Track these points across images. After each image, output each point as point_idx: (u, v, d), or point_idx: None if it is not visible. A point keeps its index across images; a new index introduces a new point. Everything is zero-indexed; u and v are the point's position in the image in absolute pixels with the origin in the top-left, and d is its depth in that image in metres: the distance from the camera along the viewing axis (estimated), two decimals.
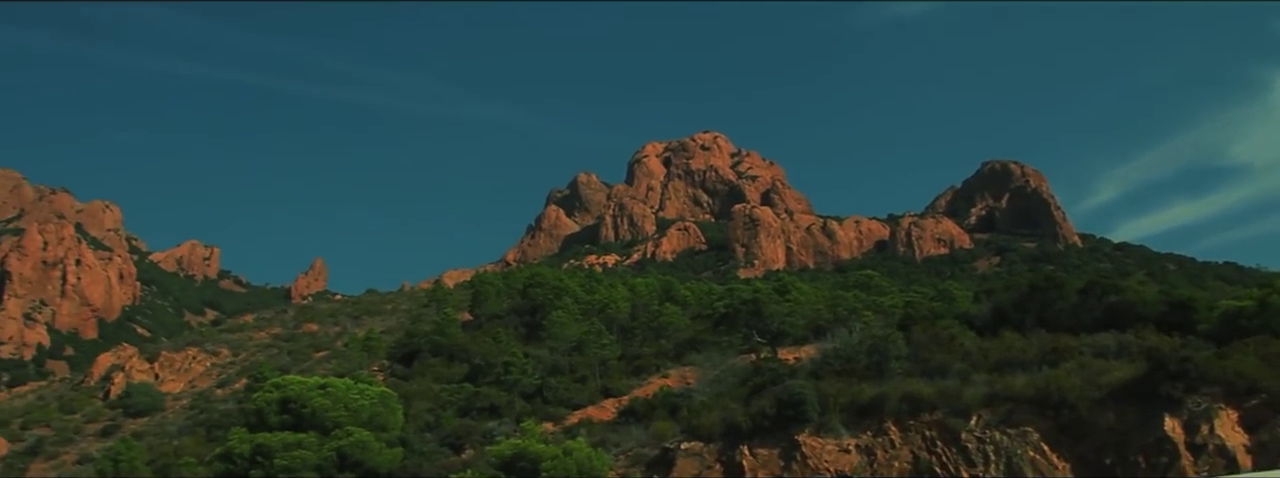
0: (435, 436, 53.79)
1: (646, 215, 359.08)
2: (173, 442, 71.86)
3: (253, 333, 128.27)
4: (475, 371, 67.73)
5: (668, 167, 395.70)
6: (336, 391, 45.65)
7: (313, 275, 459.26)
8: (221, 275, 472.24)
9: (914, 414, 38.43)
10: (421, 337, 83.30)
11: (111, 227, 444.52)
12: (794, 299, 61.06)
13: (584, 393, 58.27)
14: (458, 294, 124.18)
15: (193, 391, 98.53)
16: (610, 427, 49.93)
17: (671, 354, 63.32)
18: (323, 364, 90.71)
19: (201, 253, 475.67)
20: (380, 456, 44.33)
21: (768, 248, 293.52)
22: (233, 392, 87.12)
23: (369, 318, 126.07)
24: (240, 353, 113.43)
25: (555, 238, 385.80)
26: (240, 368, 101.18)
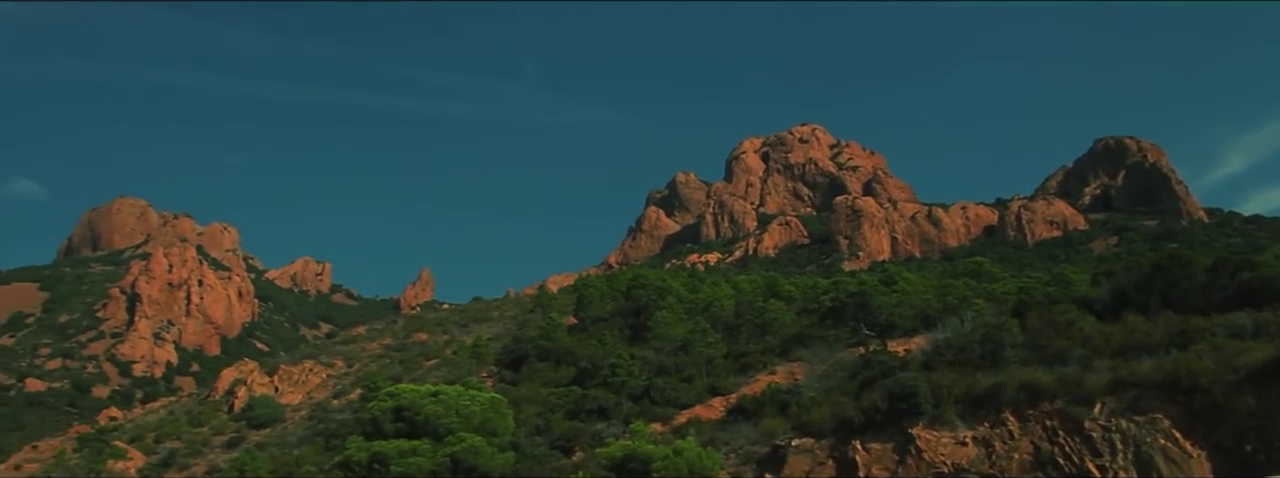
0: (545, 439, 54.10)
1: (747, 212, 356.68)
2: (293, 451, 74.12)
3: (365, 344, 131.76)
4: (582, 373, 68.03)
5: (766, 162, 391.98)
6: (448, 397, 46.28)
7: (420, 286, 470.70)
8: (333, 289, 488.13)
9: (1033, 404, 36.96)
10: (528, 342, 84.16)
11: (230, 247, 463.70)
12: (901, 290, 59.60)
13: (691, 392, 57.87)
14: (562, 298, 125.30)
15: (310, 401, 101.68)
16: (719, 426, 49.43)
17: (778, 351, 62.48)
18: (433, 372, 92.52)
19: (314, 269, 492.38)
20: (492, 460, 44.78)
21: (872, 239, 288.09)
22: (348, 402, 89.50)
23: (476, 325, 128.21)
24: (354, 364, 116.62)
25: (656, 239, 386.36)
26: (354, 378, 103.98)
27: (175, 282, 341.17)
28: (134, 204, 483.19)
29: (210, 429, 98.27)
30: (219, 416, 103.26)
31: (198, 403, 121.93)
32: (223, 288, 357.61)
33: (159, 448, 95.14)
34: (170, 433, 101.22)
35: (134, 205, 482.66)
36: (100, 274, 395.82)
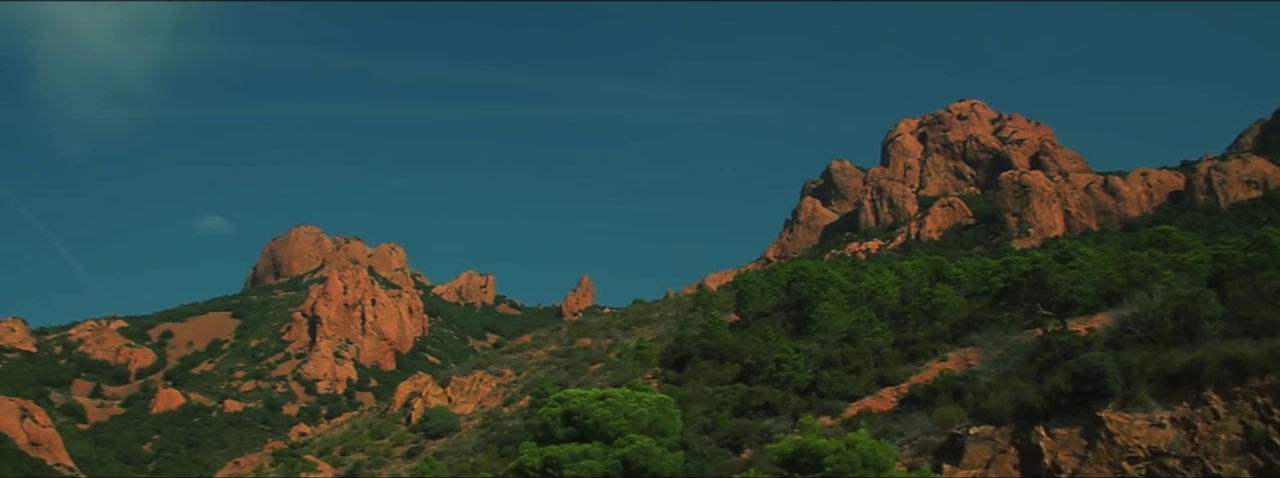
0: (713, 437, 53.63)
1: (907, 195, 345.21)
2: (469, 459, 76.16)
3: (531, 352, 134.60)
4: (747, 370, 67.23)
5: (924, 142, 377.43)
6: (615, 400, 46.55)
7: (581, 292, 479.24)
8: (498, 300, 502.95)
9: (1240, 380, 34.03)
10: (690, 341, 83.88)
11: (398, 266, 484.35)
12: (1079, 266, 56.05)
13: (860, 384, 56.30)
14: (722, 296, 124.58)
15: (482, 410, 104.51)
16: (891, 416, 47.82)
17: (948, 336, 60.00)
18: (599, 376, 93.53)
19: (478, 282, 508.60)
20: (663, 460, 44.70)
21: (1043, 214, 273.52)
22: (518, 409, 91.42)
23: (638, 327, 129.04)
24: (522, 372, 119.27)
25: (814, 229, 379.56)
26: (523, 386, 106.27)
27: (350, 302, 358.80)
28: (309, 232, 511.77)
29: (391, 441, 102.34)
30: (398, 427, 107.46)
31: (378, 416, 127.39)
32: (394, 306, 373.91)
33: (345, 460, 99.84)
34: (354, 446, 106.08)
35: (309, 233, 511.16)
36: (283, 299, 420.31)
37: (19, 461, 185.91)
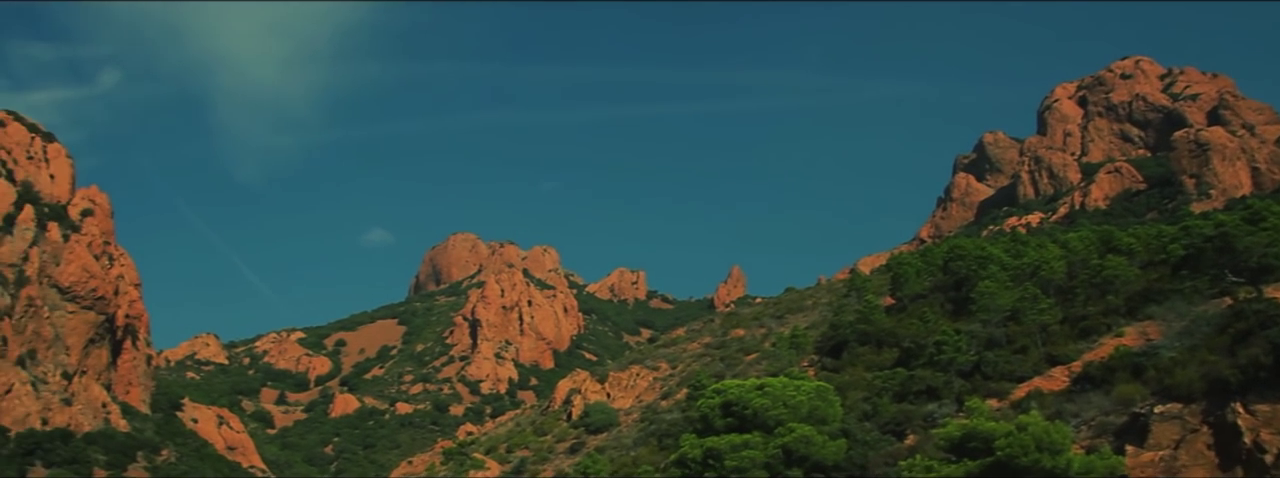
0: (875, 424, 52.06)
1: (1068, 164, 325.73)
2: (630, 453, 76.52)
3: (686, 345, 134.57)
4: (906, 354, 65.07)
5: (1084, 106, 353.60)
6: (773, 389, 46.00)
7: (732, 283, 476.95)
8: (650, 296, 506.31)
9: None
10: (846, 327, 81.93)
11: (551, 267, 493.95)
12: (1273, 226, 51.39)
13: (1027, 364, 53.55)
14: (876, 280, 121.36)
15: (640, 404, 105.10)
16: (1065, 396, 45.22)
17: (1123, 310, 56.29)
18: (754, 366, 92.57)
19: (629, 278, 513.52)
20: (824, 449, 43.75)
21: (1225, 173, 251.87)
22: (676, 402, 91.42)
23: (791, 316, 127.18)
24: (677, 365, 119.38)
25: (968, 206, 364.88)
26: (679, 379, 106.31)
27: (508, 305, 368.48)
28: (465, 239, 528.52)
29: (553, 437, 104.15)
30: (559, 424, 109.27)
31: (539, 414, 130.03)
32: (549, 306, 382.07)
33: (510, 457, 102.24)
34: (519, 443, 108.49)
35: (465, 240, 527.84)
36: (445, 305, 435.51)
37: (219, 464, 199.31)
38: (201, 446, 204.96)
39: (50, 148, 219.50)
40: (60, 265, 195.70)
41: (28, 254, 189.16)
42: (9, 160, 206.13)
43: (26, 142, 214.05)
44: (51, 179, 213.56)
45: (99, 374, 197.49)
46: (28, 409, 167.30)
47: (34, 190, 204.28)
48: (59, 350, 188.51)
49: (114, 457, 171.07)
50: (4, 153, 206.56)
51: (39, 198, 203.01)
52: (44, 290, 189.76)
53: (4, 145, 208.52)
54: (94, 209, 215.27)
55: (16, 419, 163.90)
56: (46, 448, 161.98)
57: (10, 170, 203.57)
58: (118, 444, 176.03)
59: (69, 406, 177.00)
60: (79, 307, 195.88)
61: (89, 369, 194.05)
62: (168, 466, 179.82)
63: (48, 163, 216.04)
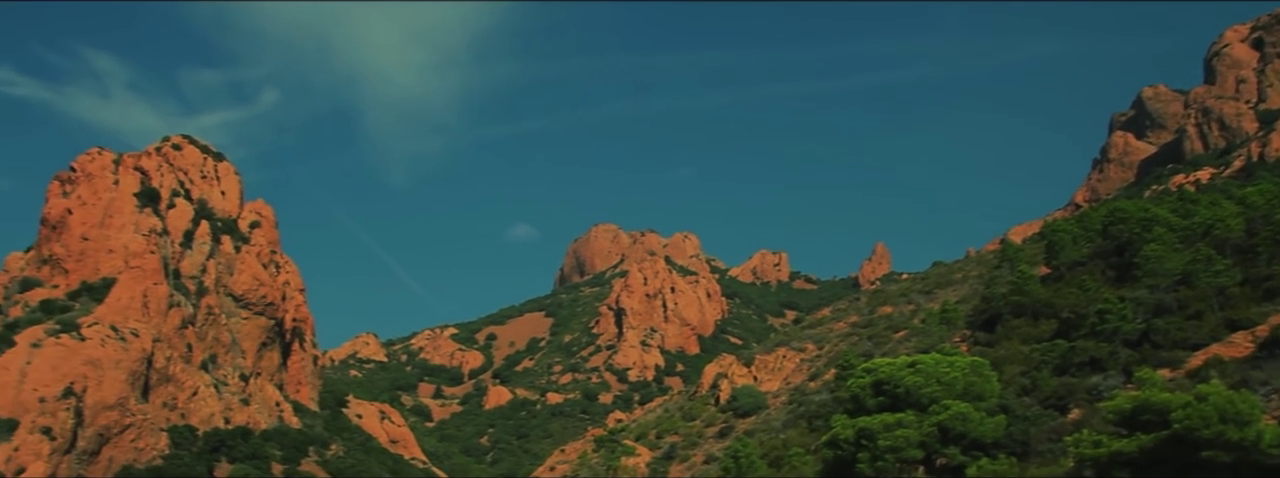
0: (1035, 398, 49.56)
1: (1241, 113, 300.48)
2: (780, 436, 75.51)
3: (832, 325, 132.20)
4: (1065, 325, 61.77)
5: (1260, 49, 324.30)
6: (926, 366, 44.73)
7: (876, 260, 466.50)
8: (793, 277, 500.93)
9: None
10: (999, 299, 78.54)
11: (692, 253, 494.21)
12: None
13: (1203, 330, 49.87)
14: (1029, 249, 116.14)
15: (788, 387, 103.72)
16: (1249, 363, 41.84)
17: None
18: (903, 344, 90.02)
19: (771, 260, 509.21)
20: (982, 426, 42.06)
21: None
22: (824, 383, 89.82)
23: (940, 290, 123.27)
24: (824, 346, 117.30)
25: (1127, 166, 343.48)
26: (826, 360, 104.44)
27: (651, 293, 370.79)
28: (606, 230, 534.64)
29: (702, 422, 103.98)
30: (708, 409, 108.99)
31: (687, 399, 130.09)
32: (692, 292, 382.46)
33: (660, 443, 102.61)
34: (668, 429, 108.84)
35: (607, 230, 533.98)
36: (590, 296, 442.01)
37: (383, 457, 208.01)
38: (366, 440, 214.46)
39: (220, 166, 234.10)
40: (233, 275, 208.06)
41: (206, 266, 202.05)
42: (186, 181, 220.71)
43: (200, 162, 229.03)
44: (222, 195, 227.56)
45: (272, 375, 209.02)
46: (212, 410, 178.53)
47: (208, 207, 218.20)
48: (236, 354, 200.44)
49: (288, 452, 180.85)
50: (182, 174, 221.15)
51: (213, 214, 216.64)
52: (220, 299, 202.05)
53: (181, 167, 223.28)
54: (261, 221, 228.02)
55: (203, 419, 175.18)
56: (230, 445, 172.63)
57: (187, 190, 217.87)
58: (291, 440, 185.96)
59: (247, 405, 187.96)
60: (251, 313, 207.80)
61: (263, 371, 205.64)
62: (336, 459, 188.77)
63: (219, 180, 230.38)
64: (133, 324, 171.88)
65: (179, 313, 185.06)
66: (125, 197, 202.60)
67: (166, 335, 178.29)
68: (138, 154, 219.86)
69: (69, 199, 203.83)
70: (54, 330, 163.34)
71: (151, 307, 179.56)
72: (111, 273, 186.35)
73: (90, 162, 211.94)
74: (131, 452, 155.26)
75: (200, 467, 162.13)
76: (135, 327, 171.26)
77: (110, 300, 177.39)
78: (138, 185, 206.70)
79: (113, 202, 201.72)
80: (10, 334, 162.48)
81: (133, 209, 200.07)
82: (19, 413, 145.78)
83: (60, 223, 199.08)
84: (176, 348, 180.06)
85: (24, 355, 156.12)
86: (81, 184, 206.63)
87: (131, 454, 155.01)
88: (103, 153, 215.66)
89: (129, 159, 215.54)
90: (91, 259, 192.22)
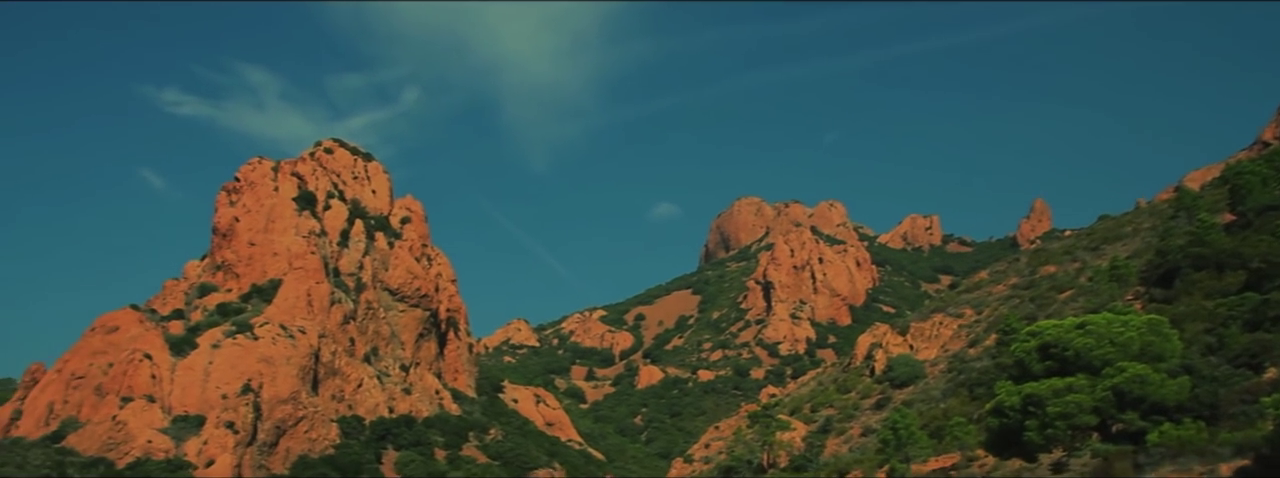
0: (1222, 357, 44.90)
1: None
2: (940, 405, 72.09)
3: (990, 288, 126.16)
4: (1256, 276, 56.03)
5: None
6: (1097, 327, 41.33)
7: (1035, 218, 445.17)
8: (946, 240, 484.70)
9: None
10: (1176, 252, 72.32)
11: (839, 222, 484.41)
12: None
13: None
14: (1209, 195, 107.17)
15: (946, 354, 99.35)
16: None
17: None
18: (1069, 304, 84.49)
19: (922, 224, 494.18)
20: (1163, 388, 38.34)
21: None
22: (985, 349, 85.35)
23: (1108, 246, 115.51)
24: (983, 310, 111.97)
25: None
26: (986, 325, 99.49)
27: (799, 264, 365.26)
28: (750, 203, 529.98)
29: (857, 394, 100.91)
30: (863, 380, 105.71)
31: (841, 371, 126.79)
32: (841, 261, 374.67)
33: (815, 416, 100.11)
34: (823, 402, 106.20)
35: (750, 204, 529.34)
36: (736, 271, 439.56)
37: (540, 439, 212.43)
38: (523, 423, 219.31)
39: (370, 166, 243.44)
40: (388, 270, 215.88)
41: (362, 263, 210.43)
42: (339, 182, 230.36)
43: (351, 164, 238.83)
44: (373, 194, 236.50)
45: (430, 364, 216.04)
46: (376, 400, 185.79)
47: (361, 206, 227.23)
48: (395, 346, 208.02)
49: (450, 438, 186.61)
50: (335, 176, 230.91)
51: (366, 212, 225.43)
52: (378, 293, 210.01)
53: (334, 170, 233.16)
54: (411, 216, 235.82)
55: (369, 409, 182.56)
56: (395, 433, 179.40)
57: (341, 191, 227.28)
58: (452, 427, 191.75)
59: (409, 394, 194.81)
60: (407, 305, 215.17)
61: (421, 361, 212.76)
62: (496, 444, 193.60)
63: (369, 180, 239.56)
64: (299, 322, 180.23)
65: (340, 309, 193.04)
66: (285, 202, 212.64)
67: (330, 331, 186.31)
68: (293, 160, 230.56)
69: (235, 208, 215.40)
70: (230, 332, 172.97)
71: (315, 305, 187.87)
72: (277, 275, 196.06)
73: (251, 171, 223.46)
74: (306, 442, 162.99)
75: (368, 455, 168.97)
76: (302, 324, 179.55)
77: (278, 301, 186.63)
78: (295, 190, 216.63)
79: (274, 207, 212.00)
80: (193, 337, 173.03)
81: (292, 213, 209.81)
82: (205, 409, 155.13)
83: (229, 230, 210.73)
84: (340, 342, 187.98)
85: (206, 356, 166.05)
86: (245, 193, 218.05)
87: (306, 445, 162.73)
88: (262, 162, 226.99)
89: (286, 166, 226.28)
90: (259, 263, 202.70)
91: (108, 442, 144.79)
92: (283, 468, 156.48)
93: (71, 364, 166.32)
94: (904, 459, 58.24)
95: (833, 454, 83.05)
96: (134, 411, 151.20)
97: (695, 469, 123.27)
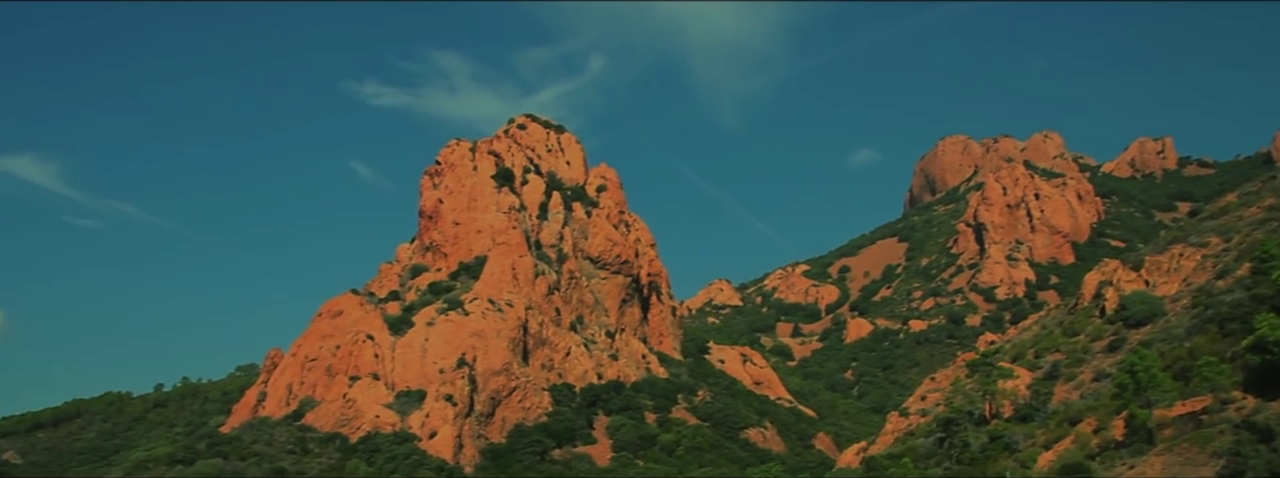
0: None
1: None
2: (1184, 344, 63.63)
3: (1240, 212, 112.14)
4: None
5: None
6: None
7: None
8: (1182, 163, 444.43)
9: None
10: None
11: (1056, 154, 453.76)
12: None
13: None
14: None
15: (1189, 288, 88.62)
16: None
17: None
18: None
19: (1152, 148, 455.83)
20: None
21: None
22: (1236, 280, 74.98)
23: None
24: (1232, 237, 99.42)
25: None
26: (1237, 253, 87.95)
27: (1012, 203, 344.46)
28: (955, 142, 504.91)
29: (1086, 336, 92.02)
30: (1092, 321, 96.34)
31: (1066, 313, 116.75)
32: (1060, 196, 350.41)
33: (1040, 363, 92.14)
34: (1047, 346, 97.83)
35: (955, 143, 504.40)
36: (943, 214, 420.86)
37: (749, 399, 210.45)
38: (731, 383, 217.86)
39: (563, 138, 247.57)
40: (588, 239, 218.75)
41: (562, 234, 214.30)
42: (534, 156, 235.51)
43: (544, 137, 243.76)
44: (568, 165, 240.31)
45: (635, 329, 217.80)
46: (585, 367, 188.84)
47: (557, 178, 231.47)
48: (600, 313, 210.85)
49: (659, 401, 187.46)
50: (529, 151, 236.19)
51: (562, 184, 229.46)
52: (579, 263, 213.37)
53: (528, 145, 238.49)
54: (606, 184, 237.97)
55: (578, 376, 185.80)
56: (604, 398, 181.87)
57: (537, 165, 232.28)
58: (660, 390, 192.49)
59: (616, 360, 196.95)
60: (609, 272, 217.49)
61: (626, 326, 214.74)
62: (705, 405, 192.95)
63: (563, 152, 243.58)
64: (506, 296, 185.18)
65: (545, 281, 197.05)
66: (484, 180, 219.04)
67: (536, 303, 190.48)
68: (489, 139, 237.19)
69: (438, 190, 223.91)
70: (443, 309, 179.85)
71: (520, 278, 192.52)
72: (482, 251, 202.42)
73: (450, 153, 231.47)
74: (520, 411, 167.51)
75: (580, 421, 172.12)
76: (509, 298, 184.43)
77: (485, 276, 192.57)
78: (493, 168, 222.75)
79: (474, 186, 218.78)
80: (409, 316, 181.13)
81: (492, 190, 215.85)
82: (424, 384, 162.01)
83: (434, 212, 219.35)
84: (546, 313, 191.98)
85: (422, 334, 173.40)
86: (446, 175, 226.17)
87: (520, 413, 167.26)
88: (459, 143, 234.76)
89: (482, 145, 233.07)
90: (464, 241, 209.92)
91: (341, 418, 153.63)
92: (500, 437, 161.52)
93: (304, 348, 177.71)
94: (1145, 404, 51.61)
95: (1062, 402, 75.99)
96: (362, 388, 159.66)
97: (912, 423, 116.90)
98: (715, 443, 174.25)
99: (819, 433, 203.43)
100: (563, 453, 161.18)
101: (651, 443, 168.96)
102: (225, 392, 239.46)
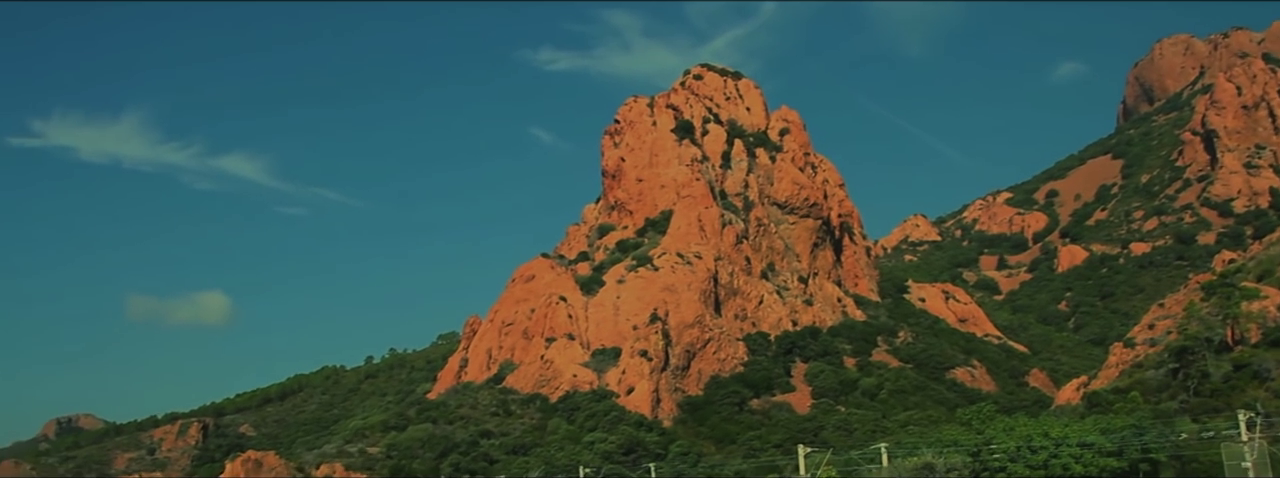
0: None
1: None
2: None
3: None
4: None
5: None
6: None
7: None
8: None
9: None
10: None
11: None
12: None
13: None
14: None
15: None
16: None
17: None
18: None
19: None
20: None
21: None
22: None
23: None
24: None
25: None
26: None
27: (1249, 103, 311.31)
28: (1175, 43, 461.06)
29: None
30: None
31: None
32: None
33: None
34: None
35: (1175, 44, 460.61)
36: (1164, 124, 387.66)
37: (953, 337, 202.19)
38: (934, 322, 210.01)
39: (741, 85, 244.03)
40: (774, 184, 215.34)
41: (747, 182, 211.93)
42: (712, 106, 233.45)
43: (721, 86, 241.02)
44: (748, 111, 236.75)
45: (828, 273, 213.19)
46: (779, 314, 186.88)
47: (738, 125, 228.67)
48: (791, 259, 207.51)
49: (858, 345, 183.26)
50: (707, 101, 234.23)
51: (743, 131, 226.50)
52: (766, 209, 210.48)
53: (706, 95, 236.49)
54: (789, 127, 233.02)
55: (772, 324, 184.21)
56: (800, 345, 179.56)
57: (716, 114, 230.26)
58: (858, 333, 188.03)
59: (810, 306, 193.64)
60: (798, 217, 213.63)
61: (819, 271, 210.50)
62: (907, 346, 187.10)
63: (742, 98, 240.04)
64: (694, 248, 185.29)
65: (732, 230, 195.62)
66: (664, 134, 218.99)
67: (725, 253, 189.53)
68: (666, 93, 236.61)
69: (619, 149, 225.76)
70: (632, 266, 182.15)
71: (707, 229, 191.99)
72: (667, 206, 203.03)
73: (628, 111, 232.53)
74: (715, 363, 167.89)
75: (778, 369, 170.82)
76: (697, 250, 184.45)
77: (671, 230, 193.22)
78: (672, 122, 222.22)
79: (655, 142, 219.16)
80: (599, 276, 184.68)
81: (672, 144, 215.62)
82: (619, 341, 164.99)
83: (617, 171, 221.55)
84: (736, 263, 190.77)
85: (614, 292, 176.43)
86: (626, 133, 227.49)
87: (716, 365, 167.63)
88: (637, 100, 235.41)
89: (660, 100, 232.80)
90: (648, 197, 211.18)
91: (540, 379, 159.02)
92: (697, 389, 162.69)
93: (501, 313, 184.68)
94: None
95: None
96: (558, 349, 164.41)
97: (1139, 354, 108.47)
98: (920, 385, 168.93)
99: (1033, 370, 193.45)
100: (761, 403, 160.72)
101: (852, 388, 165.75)
102: (429, 360, 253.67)
